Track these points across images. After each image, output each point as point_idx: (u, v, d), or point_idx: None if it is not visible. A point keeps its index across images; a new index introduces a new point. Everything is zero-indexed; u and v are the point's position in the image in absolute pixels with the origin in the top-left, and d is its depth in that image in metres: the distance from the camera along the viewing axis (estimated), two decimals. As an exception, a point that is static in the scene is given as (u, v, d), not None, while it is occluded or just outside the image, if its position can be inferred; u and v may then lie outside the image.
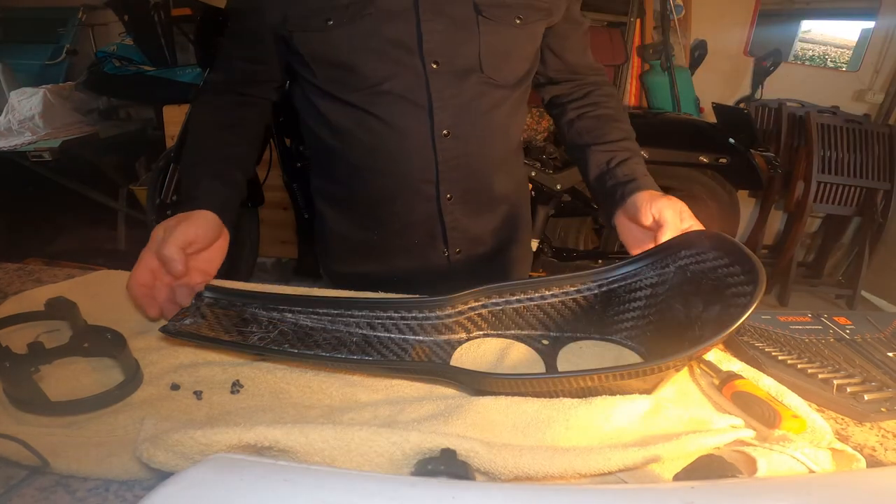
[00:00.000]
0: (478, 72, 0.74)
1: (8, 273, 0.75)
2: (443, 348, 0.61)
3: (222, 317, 0.61)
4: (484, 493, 0.32)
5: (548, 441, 0.47)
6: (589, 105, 0.85)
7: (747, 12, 3.03)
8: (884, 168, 2.60)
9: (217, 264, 0.70)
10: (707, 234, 0.60)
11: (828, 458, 0.46)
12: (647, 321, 0.63)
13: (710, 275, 0.57)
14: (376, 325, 0.61)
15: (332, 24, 0.69)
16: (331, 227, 0.88)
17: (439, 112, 0.73)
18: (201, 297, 0.63)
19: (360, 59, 0.71)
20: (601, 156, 0.80)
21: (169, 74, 2.63)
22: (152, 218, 1.97)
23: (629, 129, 0.83)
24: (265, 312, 0.62)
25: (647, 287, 0.63)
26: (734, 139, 2.00)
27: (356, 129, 0.76)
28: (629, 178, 0.75)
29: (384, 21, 0.69)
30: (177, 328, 0.58)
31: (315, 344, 0.58)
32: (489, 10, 0.71)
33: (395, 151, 0.75)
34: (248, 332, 0.59)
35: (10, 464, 0.42)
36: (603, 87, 0.88)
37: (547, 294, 0.63)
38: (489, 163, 0.81)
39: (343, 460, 0.41)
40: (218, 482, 0.31)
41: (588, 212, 2.08)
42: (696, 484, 0.34)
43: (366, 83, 0.72)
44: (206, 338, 0.57)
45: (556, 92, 0.88)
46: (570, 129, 0.86)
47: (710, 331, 0.51)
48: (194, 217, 0.66)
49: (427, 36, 0.70)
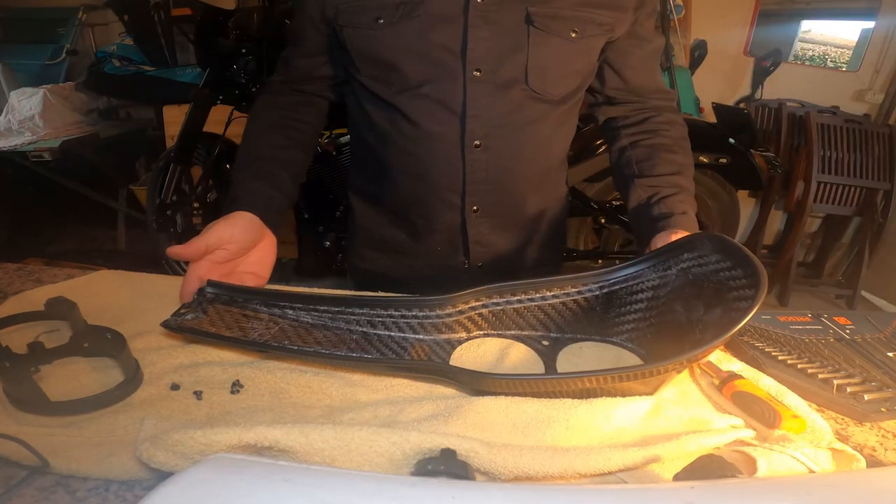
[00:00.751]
0: (522, 84, 0.71)
1: (8, 273, 0.75)
2: (443, 347, 0.61)
3: (224, 312, 0.61)
4: (484, 493, 0.32)
5: (548, 441, 0.47)
6: (645, 132, 0.80)
7: (747, 12, 3.03)
8: (884, 168, 2.60)
9: (267, 265, 0.70)
10: (710, 236, 0.59)
11: (828, 458, 0.46)
12: (648, 323, 0.62)
13: (712, 278, 0.56)
14: (376, 322, 0.61)
15: (383, 23, 0.69)
16: (360, 223, 0.88)
17: (472, 121, 0.71)
18: (203, 293, 0.63)
19: (404, 60, 0.70)
20: (643, 191, 0.76)
21: (169, 74, 2.64)
22: (152, 218, 1.97)
23: (683, 162, 0.78)
24: (266, 309, 0.62)
25: (649, 289, 0.62)
26: (734, 139, 2.00)
27: (390, 130, 0.75)
28: (664, 216, 0.71)
29: (432, 24, 0.68)
30: (178, 323, 0.58)
31: (315, 341, 0.58)
32: (542, 22, 0.69)
33: (422, 156, 0.75)
34: (249, 328, 0.59)
35: (10, 464, 0.42)
36: (664, 112, 0.81)
37: (548, 295, 0.63)
38: (523, 179, 0.78)
39: (343, 460, 0.41)
40: (218, 482, 0.31)
41: (588, 212, 2.08)
42: (696, 484, 0.34)
43: (406, 84, 0.71)
44: (206, 333, 0.57)
45: (613, 114, 0.83)
46: (620, 157, 0.81)
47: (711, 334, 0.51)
48: (232, 217, 0.67)
49: (472, 43, 0.69)
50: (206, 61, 1.91)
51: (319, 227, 1.92)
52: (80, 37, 3.11)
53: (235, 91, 1.89)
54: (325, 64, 0.80)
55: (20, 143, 2.51)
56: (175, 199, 1.95)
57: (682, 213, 0.71)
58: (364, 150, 0.82)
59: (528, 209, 0.82)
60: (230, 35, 1.80)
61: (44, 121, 2.67)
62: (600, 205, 2.05)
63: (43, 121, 2.67)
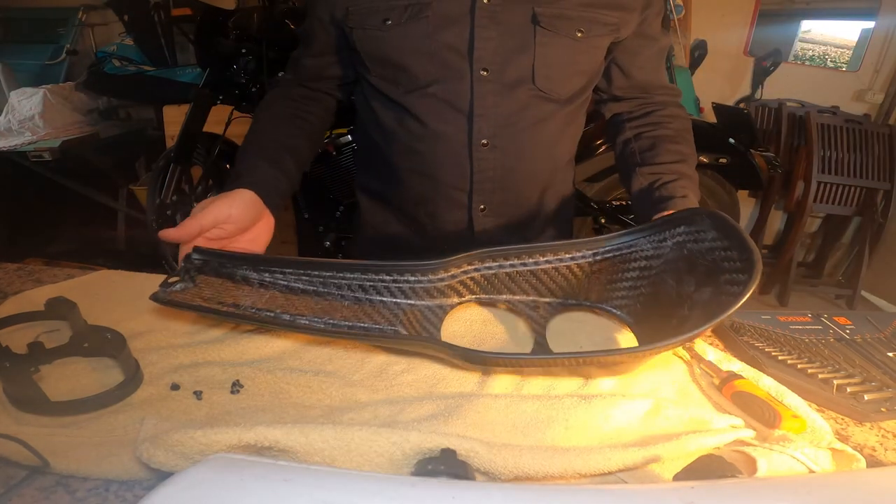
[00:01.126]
0: (529, 83, 0.72)
1: (8, 273, 0.75)
2: (434, 313, 0.60)
3: (214, 282, 0.59)
4: (484, 493, 0.32)
5: (547, 441, 0.47)
6: (649, 125, 0.81)
7: (747, 12, 3.03)
8: (884, 168, 2.60)
9: (262, 244, 0.69)
10: (709, 213, 0.58)
11: (828, 458, 0.46)
12: (639, 293, 0.62)
13: (707, 256, 0.56)
14: (368, 287, 0.60)
15: (391, 24, 0.70)
16: (366, 220, 0.89)
17: (479, 120, 0.72)
18: (190, 259, 0.60)
19: (412, 61, 0.71)
20: (645, 178, 0.76)
21: (169, 74, 2.63)
22: (152, 218, 1.97)
23: (686, 152, 0.78)
24: (256, 275, 0.60)
25: (642, 259, 0.62)
26: (734, 139, 2.00)
27: (398, 129, 0.76)
28: (664, 198, 0.72)
29: (440, 25, 0.69)
30: (167, 296, 0.56)
31: (306, 307, 0.57)
32: (548, 21, 0.69)
33: (430, 154, 0.75)
34: (240, 295, 0.57)
35: (10, 464, 0.42)
36: (669, 106, 0.82)
37: (541, 260, 0.62)
38: (530, 178, 0.79)
39: (343, 460, 0.41)
40: (218, 482, 0.31)
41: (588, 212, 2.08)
42: (696, 484, 0.34)
43: (414, 84, 0.72)
44: (198, 307, 0.56)
45: (618, 109, 0.84)
46: (624, 149, 0.82)
47: (699, 312, 0.51)
48: (232, 196, 0.66)
49: (479, 43, 0.69)
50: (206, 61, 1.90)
51: (319, 227, 1.92)
52: (80, 37, 3.11)
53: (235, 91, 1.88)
54: (334, 64, 0.81)
55: (20, 143, 2.51)
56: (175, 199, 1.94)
57: (683, 197, 0.72)
58: (372, 148, 0.83)
59: (535, 208, 0.82)
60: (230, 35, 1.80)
61: (44, 121, 2.66)
62: (600, 205, 2.05)
63: (43, 121, 2.66)
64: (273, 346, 0.60)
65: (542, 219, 0.84)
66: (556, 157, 0.81)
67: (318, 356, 0.59)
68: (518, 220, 0.82)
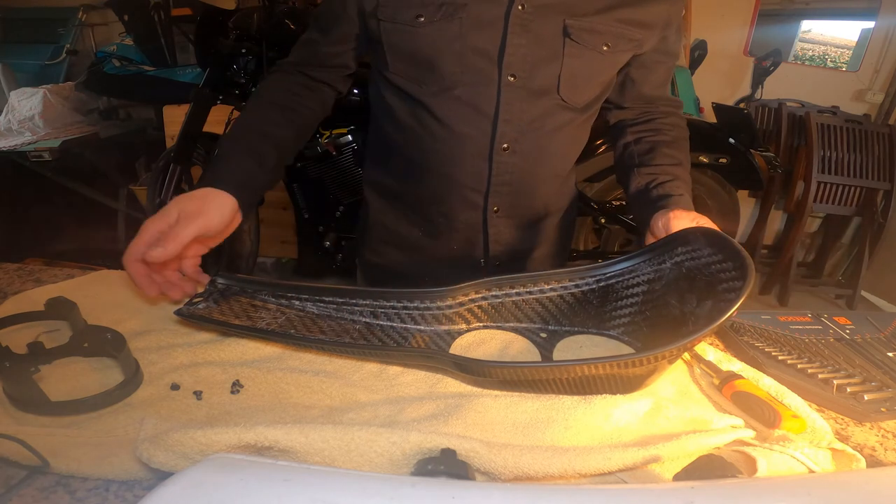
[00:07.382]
0: (553, 92, 0.73)
1: (8, 273, 0.75)
2: (442, 338, 0.62)
3: (234, 303, 0.63)
4: (484, 493, 0.32)
5: (548, 441, 0.47)
6: (649, 130, 0.83)
7: (747, 12, 3.03)
8: (884, 168, 2.60)
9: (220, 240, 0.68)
10: (702, 230, 0.60)
11: (828, 458, 0.46)
12: (643, 316, 0.63)
13: (704, 271, 0.57)
14: (379, 313, 0.63)
15: (423, 21, 0.69)
16: (375, 217, 0.89)
17: (503, 125, 0.73)
18: (215, 283, 0.65)
19: (440, 60, 0.71)
20: (643, 178, 0.79)
21: (169, 74, 2.63)
22: (152, 218, 1.96)
23: (682, 158, 0.81)
24: (274, 300, 0.64)
25: (644, 283, 0.63)
26: (734, 139, 2.00)
27: (417, 127, 0.76)
28: (661, 197, 0.73)
29: (473, 27, 0.69)
30: (190, 311, 0.60)
31: (319, 330, 0.60)
32: (578, 35, 0.70)
33: (449, 155, 0.75)
34: (258, 317, 0.61)
35: (10, 464, 0.42)
36: (670, 116, 0.85)
37: (546, 288, 0.65)
38: (544, 181, 0.80)
39: (343, 460, 0.41)
40: (218, 482, 0.31)
41: (588, 212, 2.08)
42: (696, 484, 0.34)
43: (440, 85, 0.72)
44: (217, 322, 0.59)
45: (622, 116, 0.87)
46: (624, 151, 0.84)
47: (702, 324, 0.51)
48: (209, 207, 0.64)
49: (510, 49, 0.70)
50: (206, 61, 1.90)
51: (319, 227, 1.92)
52: (80, 37, 3.11)
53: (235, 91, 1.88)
54: (345, 53, 0.80)
55: (20, 143, 2.51)
56: (175, 197, 1.94)
57: (679, 195, 0.73)
58: (385, 144, 0.83)
59: (545, 209, 0.84)
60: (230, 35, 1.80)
61: (44, 121, 2.67)
62: (600, 205, 2.05)
63: (43, 121, 2.67)
64: (273, 347, 0.60)
65: (550, 219, 0.86)
66: (568, 162, 0.83)
67: (318, 356, 0.59)
68: (528, 220, 0.83)
